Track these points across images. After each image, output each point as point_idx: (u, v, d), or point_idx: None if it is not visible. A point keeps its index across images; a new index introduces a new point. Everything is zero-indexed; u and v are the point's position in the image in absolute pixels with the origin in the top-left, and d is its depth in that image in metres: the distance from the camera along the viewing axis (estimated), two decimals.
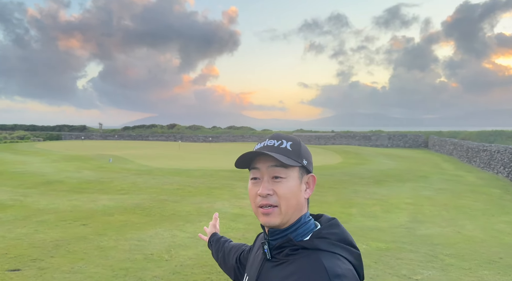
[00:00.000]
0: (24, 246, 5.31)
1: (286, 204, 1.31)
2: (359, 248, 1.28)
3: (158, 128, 62.66)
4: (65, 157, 20.38)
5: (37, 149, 29.24)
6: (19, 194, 9.45)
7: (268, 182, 1.32)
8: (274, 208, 1.32)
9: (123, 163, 17.64)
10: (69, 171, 14.36)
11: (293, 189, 1.32)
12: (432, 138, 34.01)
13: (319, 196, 9.74)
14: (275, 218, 1.32)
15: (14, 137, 48.67)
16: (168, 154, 23.83)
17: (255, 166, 1.34)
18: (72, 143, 39.99)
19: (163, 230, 6.29)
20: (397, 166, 16.76)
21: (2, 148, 30.25)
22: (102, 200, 8.90)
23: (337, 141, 41.78)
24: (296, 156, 1.33)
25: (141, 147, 31.73)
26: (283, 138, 1.36)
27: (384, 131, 44.59)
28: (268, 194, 1.31)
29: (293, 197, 1.32)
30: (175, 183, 11.49)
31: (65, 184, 11.17)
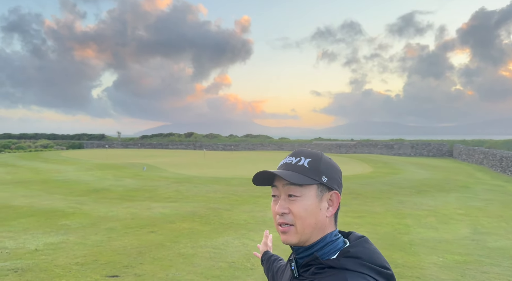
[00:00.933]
0: (109, 252, 5.47)
1: (302, 223, 1.29)
2: (435, 260, 1.28)
3: (175, 136, 63.27)
4: (98, 166, 20.77)
5: (64, 157, 29.84)
6: (74, 202, 9.70)
7: (285, 200, 1.31)
8: (290, 226, 1.30)
9: (157, 171, 17.90)
10: (109, 179, 14.64)
11: (309, 207, 1.29)
12: (457, 147, 33.53)
13: (367, 206, 9.73)
14: (291, 237, 1.31)
15: (38, 146, 49.69)
16: (196, 162, 24.06)
17: (274, 183, 1.35)
18: (96, 151, 40.67)
19: (231, 238, 6.40)
20: (432, 176, 16.61)
21: (30, 157, 30.97)
22: (156, 207, 9.08)
23: (358, 149, 41.52)
24: (313, 174, 1.30)
25: (166, 155, 32.09)
26: (302, 155, 1.33)
27: (406, 140, 44.14)
28: (284, 212, 1.30)
29: (310, 216, 1.29)
30: (218, 191, 11.63)
31: (113, 192, 11.41)
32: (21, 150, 44.04)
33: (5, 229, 6.80)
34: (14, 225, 7.12)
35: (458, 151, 32.34)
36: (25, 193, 11.02)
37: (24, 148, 45.53)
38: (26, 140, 58.00)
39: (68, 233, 6.58)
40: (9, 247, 5.69)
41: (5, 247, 5.71)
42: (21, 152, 41.70)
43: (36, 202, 9.57)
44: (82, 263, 4.97)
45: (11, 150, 42.93)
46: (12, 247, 5.72)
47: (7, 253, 5.42)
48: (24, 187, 12.16)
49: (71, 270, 4.74)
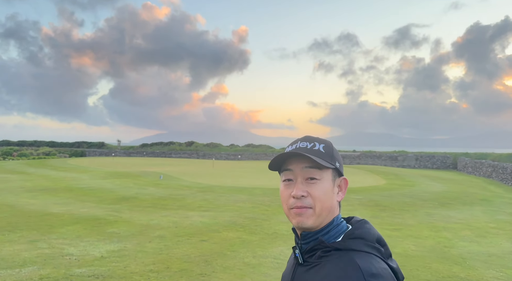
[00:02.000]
0: (175, 260, 5.59)
1: (321, 206, 1.30)
2: (495, 275, 1.39)
3: (176, 145, 63.29)
4: (112, 174, 20.80)
5: (72, 165, 29.80)
6: (110, 210, 9.79)
7: (302, 183, 1.31)
8: (308, 209, 1.30)
9: (173, 180, 17.98)
10: (132, 187, 14.72)
11: (327, 190, 1.31)
12: (462, 160, 33.84)
13: (398, 218, 9.87)
14: (307, 219, 1.30)
15: (40, 153, 49.55)
16: (208, 172, 24.15)
17: (287, 167, 1.34)
18: (101, 159, 40.63)
19: (285, 248, 6.53)
20: (448, 189, 16.82)
21: (38, 164, 30.92)
22: (193, 216, 9.19)
23: (362, 160, 41.76)
24: (329, 158, 1.33)
25: (173, 164, 32.15)
26: (315, 141, 1.36)
27: (408, 151, 44.52)
28: (303, 195, 1.30)
29: (328, 199, 1.31)
30: (246, 201, 11.74)
31: (141, 200, 11.50)
32: (24, 157, 43.90)
33: (59, 236, 6.89)
34: (64, 232, 7.21)
35: (463, 164, 32.63)
36: (56, 200, 11.08)
37: (27, 155, 45.38)
38: (28, 147, 57.82)
39: (122, 241, 6.68)
40: (74, 254, 5.78)
41: (70, 253, 5.81)
42: (24, 159, 41.58)
43: (73, 209, 9.64)
44: (156, 271, 5.08)
45: (13, 157, 42.78)
46: (77, 253, 5.81)
47: (76, 259, 5.52)
48: (51, 195, 12.22)
49: (149, 277, 4.85)
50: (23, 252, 5.81)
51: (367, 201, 12.40)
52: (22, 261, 5.34)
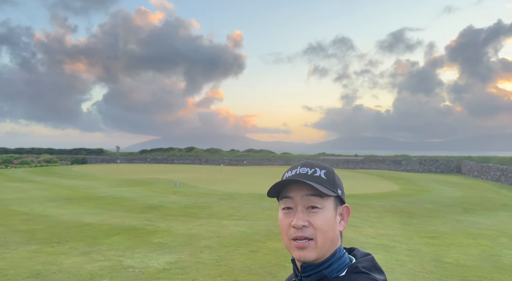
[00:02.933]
0: (238, 272, 5.62)
1: (323, 237, 1.24)
2: None
3: (176, 151, 63.15)
4: (125, 181, 20.74)
5: (80, 173, 29.65)
6: (143, 219, 9.78)
7: (303, 212, 1.24)
8: (309, 241, 1.24)
9: (188, 188, 17.97)
10: (151, 195, 14.70)
11: (330, 220, 1.25)
12: (467, 163, 34.07)
13: (429, 226, 9.92)
14: (310, 253, 1.24)
15: (41, 160, 49.26)
16: (218, 178, 24.14)
17: (287, 194, 1.27)
18: (106, 166, 40.45)
19: None
20: (465, 193, 16.97)
21: (44, 172, 30.71)
22: (228, 225, 9.21)
23: (366, 165, 41.93)
24: (330, 185, 1.27)
25: (180, 171, 32.09)
26: (316, 167, 1.29)
27: (410, 155, 44.77)
28: (304, 225, 1.23)
29: (330, 229, 1.25)
30: (272, 209, 11.77)
31: (169, 209, 11.50)
32: (26, 164, 43.60)
33: (109, 247, 6.89)
34: (112, 243, 7.21)
35: (468, 167, 32.85)
36: (85, 210, 11.06)
37: (29, 163, 45.08)
38: (27, 155, 57.39)
39: (173, 252, 6.69)
40: (135, 266, 5.80)
41: (131, 265, 5.82)
42: (26, 166, 41.30)
43: (107, 219, 9.63)
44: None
45: (15, 165, 42.47)
46: (137, 266, 5.83)
47: (139, 272, 5.54)
48: (77, 204, 12.18)
49: None
50: (84, 264, 5.81)
51: (391, 208, 12.48)
52: (89, 274, 5.34)
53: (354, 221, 9.90)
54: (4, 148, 71.32)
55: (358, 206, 12.46)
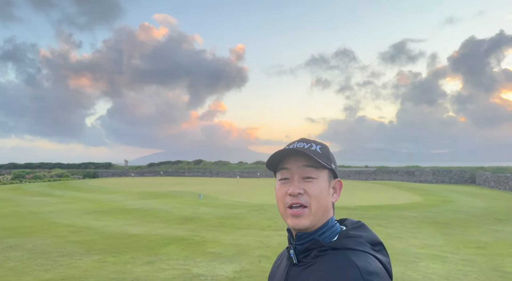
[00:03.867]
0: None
1: (317, 204, 1.32)
2: None
3: (184, 164, 63.33)
4: (146, 194, 20.91)
5: (97, 186, 29.86)
6: (186, 230, 9.91)
7: (299, 182, 1.33)
8: (304, 208, 1.32)
9: (212, 200, 18.09)
10: (180, 207, 14.83)
11: (323, 190, 1.33)
12: (481, 174, 34.00)
13: (470, 236, 9.93)
14: (304, 220, 1.32)
15: (53, 175, 49.55)
16: (238, 190, 24.25)
17: (284, 166, 1.35)
18: (120, 179, 40.67)
19: (405, 269, 6.63)
20: (490, 204, 16.99)
21: (60, 186, 30.96)
22: (272, 236, 9.32)
23: (379, 176, 41.87)
24: (325, 159, 1.35)
25: (195, 183, 32.21)
26: (312, 142, 1.37)
27: (421, 166, 44.73)
28: (299, 193, 1.32)
29: (324, 198, 1.33)
30: None
31: (206, 220, 11.62)
32: (39, 179, 43.89)
33: (169, 257, 7.02)
34: (169, 253, 7.35)
35: (483, 178, 32.76)
36: (124, 222, 11.20)
37: (41, 178, 45.39)
38: (40, 169, 57.76)
39: (234, 261, 6.82)
40: (205, 275, 5.93)
41: (201, 274, 5.96)
42: (39, 181, 41.58)
43: (151, 230, 9.77)
44: None
45: (28, 180, 42.77)
46: (207, 274, 5.96)
47: (212, 280, 5.67)
48: (113, 216, 12.32)
49: None
50: (155, 273, 5.95)
51: (424, 218, 12.52)
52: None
53: (394, 232, 9.98)
54: (13, 163, 71.87)
55: (391, 216, 12.54)
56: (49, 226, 10.05)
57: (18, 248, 7.42)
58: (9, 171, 58.74)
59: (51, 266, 6.29)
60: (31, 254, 7.00)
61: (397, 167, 44.65)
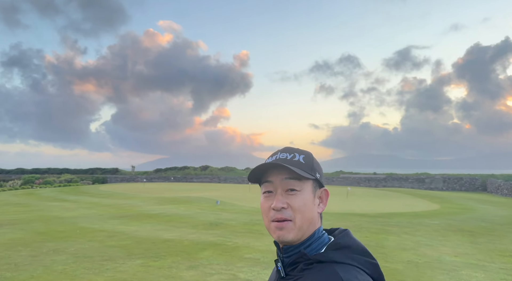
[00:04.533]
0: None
1: (301, 217, 1.29)
2: None
3: (191, 170, 63.46)
4: (163, 200, 21.01)
5: (108, 191, 30.00)
6: (215, 235, 9.99)
7: (282, 195, 1.31)
8: (288, 222, 1.30)
9: (229, 206, 18.15)
10: (202, 212, 14.92)
11: (308, 202, 1.30)
12: (494, 181, 33.85)
13: (500, 244, 9.87)
14: (288, 233, 1.30)
15: (62, 180, 49.84)
16: (250, 196, 24.29)
17: (267, 179, 1.32)
18: (131, 185, 40.84)
19: (451, 278, 6.59)
20: (510, 212, 16.94)
21: (72, 191, 31.15)
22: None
23: (389, 183, 41.80)
24: (309, 169, 1.31)
25: (207, 189, 32.30)
26: (295, 152, 1.33)
27: (431, 173, 44.55)
28: (283, 207, 1.30)
29: (308, 210, 1.30)
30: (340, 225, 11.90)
31: (232, 226, 11.69)
32: (49, 184, 44.13)
33: (209, 262, 7.10)
34: (207, 258, 7.42)
35: (496, 186, 32.62)
36: (151, 227, 11.29)
37: (52, 183, 45.64)
38: (49, 175, 58.08)
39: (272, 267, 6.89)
40: (252, 280, 6.01)
41: (248, 279, 6.04)
42: (49, 186, 41.83)
43: (181, 235, 9.86)
44: None
45: (38, 185, 43.02)
46: (254, 279, 6.04)
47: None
48: (139, 222, 12.41)
49: None
50: (204, 277, 6.04)
51: (448, 226, 12.51)
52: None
53: (423, 240, 9.99)
54: (21, 169, 72.39)
55: (415, 224, 12.56)
56: (81, 230, 10.17)
57: (60, 252, 7.54)
58: (19, 176, 59.18)
59: (99, 269, 6.40)
60: (75, 258, 7.11)
61: (407, 174, 44.50)
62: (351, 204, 19.36)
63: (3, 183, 47.33)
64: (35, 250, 7.70)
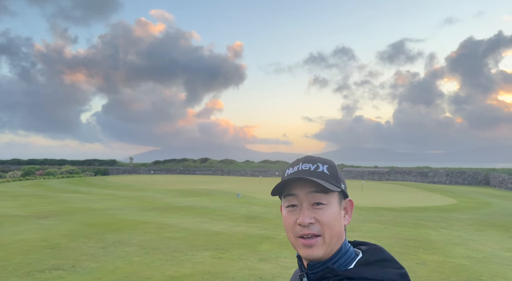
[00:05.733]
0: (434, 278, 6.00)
1: (330, 233, 1.24)
2: None
3: (190, 162, 63.49)
4: (182, 192, 21.07)
5: (117, 183, 29.94)
6: (260, 229, 10.10)
7: (308, 210, 1.24)
8: (317, 238, 1.24)
9: (251, 199, 18.28)
10: (230, 205, 15.03)
11: (336, 215, 1.25)
12: (497, 175, 34.42)
13: None
14: (318, 250, 1.24)
15: (64, 172, 49.60)
16: (263, 189, 24.44)
17: (291, 192, 1.25)
18: (138, 177, 40.79)
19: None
20: None
21: (80, 183, 31.02)
22: (350, 236, 9.56)
23: (392, 176, 42.25)
24: (334, 180, 1.26)
25: (217, 181, 32.39)
26: (318, 162, 1.26)
27: (432, 167, 45.13)
28: (310, 222, 1.23)
29: (337, 224, 1.25)
30: (374, 221, 12.11)
31: (267, 219, 11.77)
32: (51, 175, 43.93)
33: (276, 255, 7.23)
34: (270, 251, 7.55)
35: (499, 180, 33.18)
36: (192, 219, 11.35)
37: (54, 174, 45.44)
38: (50, 166, 57.70)
39: None
40: None
41: None
42: (52, 177, 41.66)
43: (227, 228, 9.94)
44: None
45: (40, 176, 42.78)
46: None
47: None
48: (173, 214, 12.44)
49: None
50: (284, 270, 6.18)
51: (479, 221, 12.70)
52: None
53: (463, 235, 10.13)
54: (17, 159, 71.84)
55: (445, 219, 12.75)
56: (128, 222, 10.24)
57: (126, 244, 7.62)
58: (18, 166, 58.76)
59: (175, 261, 6.50)
60: (144, 249, 7.20)
61: (410, 167, 45.05)
62: (368, 197, 19.61)
63: (3, 173, 47.03)
64: (99, 241, 7.77)
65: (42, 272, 5.71)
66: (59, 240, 7.80)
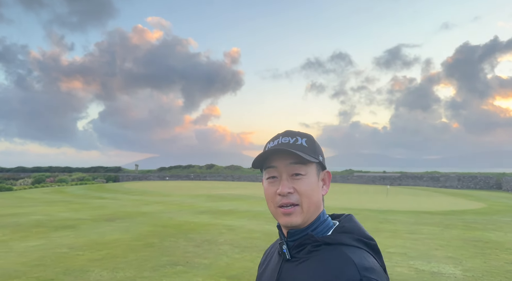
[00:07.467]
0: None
1: (308, 201, 1.30)
2: None
3: (196, 168, 63.76)
4: (211, 198, 21.29)
5: (137, 190, 29.97)
6: None
7: (287, 180, 1.30)
8: (295, 206, 1.30)
9: None
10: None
11: (313, 185, 1.31)
12: (509, 180, 34.81)
13: None
14: (296, 217, 1.30)
15: (74, 179, 49.69)
16: None
17: (271, 164, 1.31)
18: (153, 183, 40.92)
19: None
20: None
21: (99, 189, 31.17)
22: (393, 246, 9.88)
23: (404, 181, 42.58)
24: (312, 152, 1.31)
25: (227, 187, 32.50)
26: (297, 135, 1.32)
27: (440, 172, 45.55)
28: (289, 192, 1.30)
29: (314, 194, 1.30)
30: (405, 223, 12.41)
31: None
32: (64, 183, 44.00)
33: None
34: None
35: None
36: (249, 222, 11.55)
37: (66, 181, 45.53)
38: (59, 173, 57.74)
39: (431, 260, 7.39)
40: (439, 272, 6.49)
41: (434, 271, 6.51)
42: (64, 184, 41.76)
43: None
44: None
45: (52, 183, 42.81)
46: (440, 271, 6.52)
47: (456, 278, 6.13)
48: (226, 216, 12.67)
49: None
50: None
51: None
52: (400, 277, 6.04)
53: None
54: (21, 167, 71.94)
55: (488, 221, 12.76)
56: (195, 224, 10.48)
57: (215, 243, 7.80)
58: (26, 174, 58.82)
59: None
60: (238, 248, 7.43)
61: (421, 172, 45.43)
62: (400, 202, 19.92)
63: (14, 181, 47.05)
64: (189, 241, 7.98)
65: (163, 267, 5.97)
66: (150, 240, 8.06)
